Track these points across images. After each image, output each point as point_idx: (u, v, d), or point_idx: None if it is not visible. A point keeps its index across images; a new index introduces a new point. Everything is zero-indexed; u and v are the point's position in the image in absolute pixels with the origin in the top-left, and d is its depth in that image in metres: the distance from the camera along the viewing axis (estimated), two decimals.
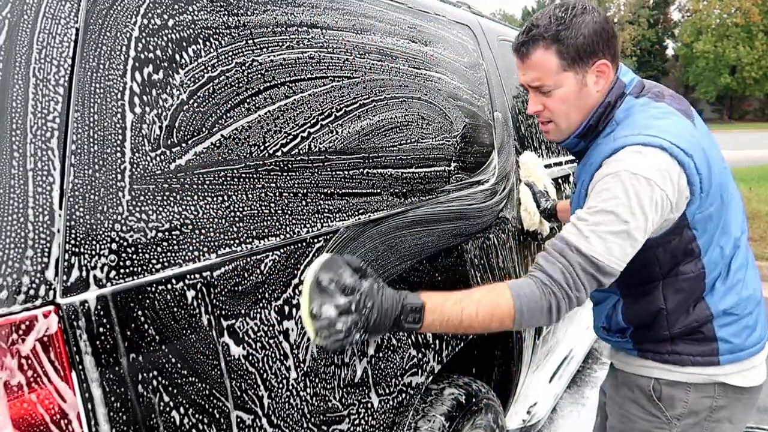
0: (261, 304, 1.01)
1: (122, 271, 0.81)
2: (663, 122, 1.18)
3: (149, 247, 0.85)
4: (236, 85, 1.02)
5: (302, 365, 1.09)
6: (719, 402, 1.27)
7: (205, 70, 0.97)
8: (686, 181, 1.14)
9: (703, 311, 1.25)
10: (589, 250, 1.10)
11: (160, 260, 0.86)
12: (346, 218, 1.23)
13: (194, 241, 0.91)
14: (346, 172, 1.25)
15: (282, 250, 1.06)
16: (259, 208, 1.03)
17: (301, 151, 1.14)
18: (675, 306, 1.26)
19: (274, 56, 1.11)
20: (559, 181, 2.52)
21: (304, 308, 1.04)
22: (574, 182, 1.40)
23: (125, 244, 0.82)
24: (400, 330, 1.09)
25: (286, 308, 1.06)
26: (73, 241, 0.76)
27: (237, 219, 0.99)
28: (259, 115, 1.06)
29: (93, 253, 0.78)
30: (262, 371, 1.01)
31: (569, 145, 1.34)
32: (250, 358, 0.99)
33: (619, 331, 1.36)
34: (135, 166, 0.84)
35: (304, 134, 1.15)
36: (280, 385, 1.05)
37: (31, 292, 0.72)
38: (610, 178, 1.12)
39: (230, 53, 1.02)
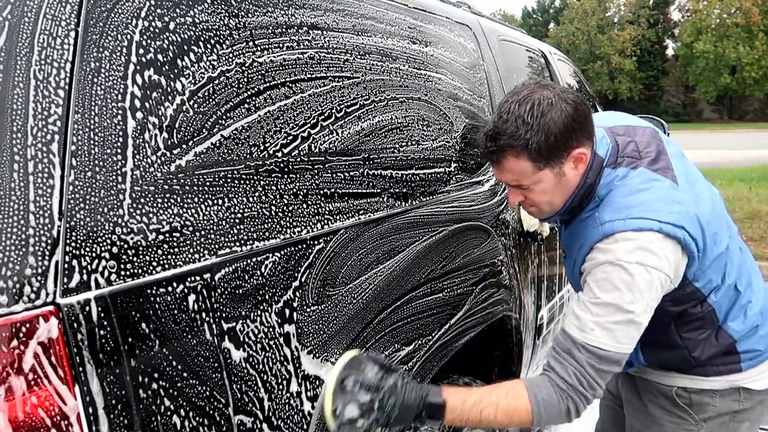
0: (263, 306, 1.01)
1: (123, 272, 0.81)
2: (646, 196, 1.17)
3: (150, 248, 0.85)
4: (237, 86, 1.02)
5: (304, 368, 1.09)
6: (744, 405, 1.32)
7: (205, 72, 0.97)
8: (681, 251, 1.15)
9: (725, 339, 1.27)
10: (595, 342, 1.13)
11: (161, 261, 0.86)
12: (346, 219, 1.23)
13: (195, 242, 0.91)
14: (346, 173, 1.25)
15: (283, 251, 1.07)
16: (260, 209, 1.03)
17: (301, 152, 1.14)
18: (693, 343, 1.28)
19: (275, 57, 1.11)
20: None
21: (327, 407, 1.09)
22: (563, 248, 1.43)
23: (126, 245, 0.82)
24: (421, 424, 1.17)
25: (287, 310, 1.06)
26: (73, 243, 0.76)
27: (238, 220, 0.99)
28: (260, 116, 1.06)
29: (94, 254, 0.78)
30: (263, 374, 1.01)
31: (553, 220, 1.37)
32: (252, 360, 0.99)
33: (639, 363, 1.40)
34: (136, 167, 0.84)
35: (305, 134, 1.15)
36: (282, 389, 1.05)
37: (32, 292, 0.72)
38: (608, 267, 1.13)
39: (231, 54, 1.02)
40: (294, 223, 1.10)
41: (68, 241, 0.75)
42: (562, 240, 1.42)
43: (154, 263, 0.85)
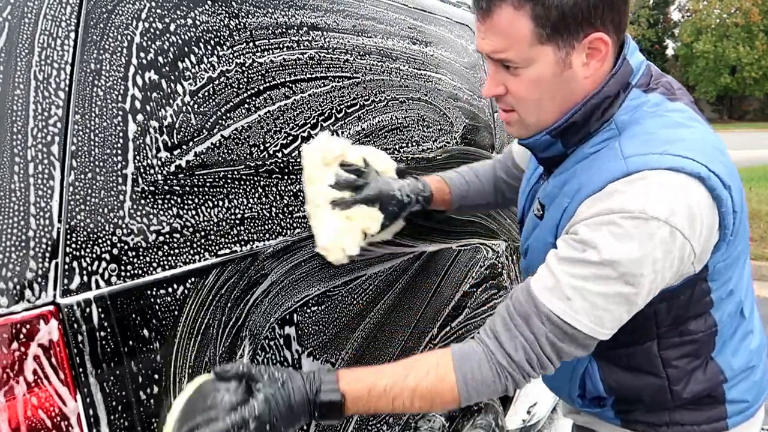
0: (263, 307, 1.01)
1: (123, 273, 0.81)
2: (690, 133, 0.85)
3: (150, 249, 0.85)
4: (237, 87, 1.02)
5: (304, 370, 1.09)
6: None
7: (205, 72, 0.97)
8: (718, 224, 0.84)
9: (715, 375, 0.96)
10: (566, 316, 0.81)
11: (161, 262, 0.86)
12: None
13: (195, 242, 0.91)
14: None
15: (283, 252, 1.06)
16: (260, 209, 1.03)
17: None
18: (678, 373, 0.95)
19: (275, 57, 1.11)
20: None
21: None
22: (539, 202, 0.99)
23: (126, 246, 0.82)
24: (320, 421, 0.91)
25: (288, 311, 1.06)
26: (74, 244, 0.76)
27: (238, 220, 0.99)
28: (260, 116, 1.06)
29: (94, 255, 0.78)
30: None
31: (537, 146, 0.94)
32: (253, 361, 0.99)
33: (596, 398, 1.03)
34: (136, 168, 0.84)
35: (305, 134, 1.15)
36: None
37: (32, 294, 0.72)
38: (620, 219, 0.79)
39: (231, 55, 1.02)
40: (294, 224, 1.10)
41: (68, 243, 0.75)
42: (542, 194, 0.99)
43: (155, 264, 0.85)
